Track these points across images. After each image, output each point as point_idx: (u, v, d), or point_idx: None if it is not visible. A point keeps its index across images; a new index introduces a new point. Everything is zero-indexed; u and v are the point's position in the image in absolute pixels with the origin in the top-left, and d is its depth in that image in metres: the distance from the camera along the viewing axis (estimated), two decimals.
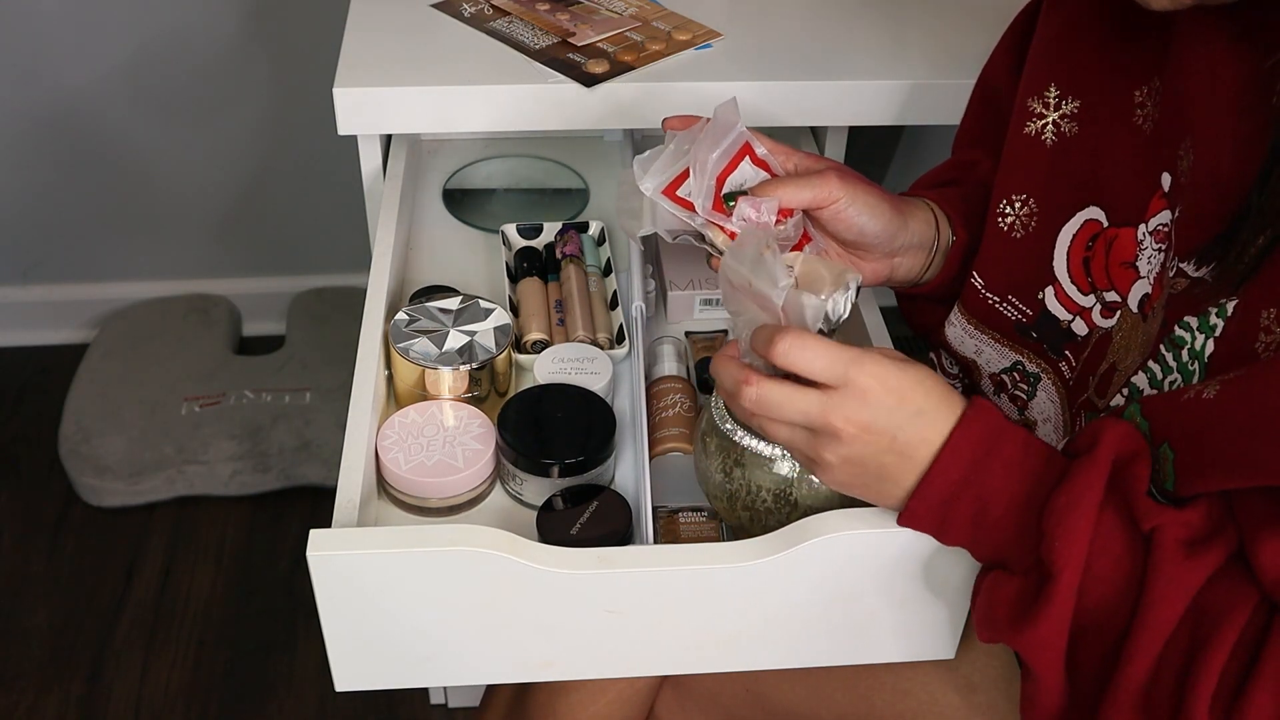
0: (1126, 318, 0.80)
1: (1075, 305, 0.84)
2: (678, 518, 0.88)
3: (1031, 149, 0.85)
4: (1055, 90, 0.83)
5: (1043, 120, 0.84)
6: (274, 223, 1.94)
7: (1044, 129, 0.84)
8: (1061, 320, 0.85)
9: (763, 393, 0.71)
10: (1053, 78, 0.83)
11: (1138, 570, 0.68)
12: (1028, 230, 0.86)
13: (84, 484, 1.71)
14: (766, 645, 0.82)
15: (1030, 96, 0.85)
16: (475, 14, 1.16)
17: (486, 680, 0.91)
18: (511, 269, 1.08)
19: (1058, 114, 0.83)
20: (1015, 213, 0.86)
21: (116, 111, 1.78)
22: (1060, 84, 0.83)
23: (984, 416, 0.70)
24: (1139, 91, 0.79)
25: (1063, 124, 0.83)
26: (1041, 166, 0.85)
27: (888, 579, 0.79)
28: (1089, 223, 0.82)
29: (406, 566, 0.74)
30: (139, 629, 1.59)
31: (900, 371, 0.70)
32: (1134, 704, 0.67)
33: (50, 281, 1.96)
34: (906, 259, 0.89)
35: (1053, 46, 0.84)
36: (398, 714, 1.51)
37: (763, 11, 1.19)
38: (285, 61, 1.76)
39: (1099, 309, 0.82)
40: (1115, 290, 0.81)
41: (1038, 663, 0.70)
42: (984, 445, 0.70)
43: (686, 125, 0.84)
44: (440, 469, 0.85)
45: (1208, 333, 0.72)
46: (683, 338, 1.04)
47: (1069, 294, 0.84)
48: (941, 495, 0.71)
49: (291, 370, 1.86)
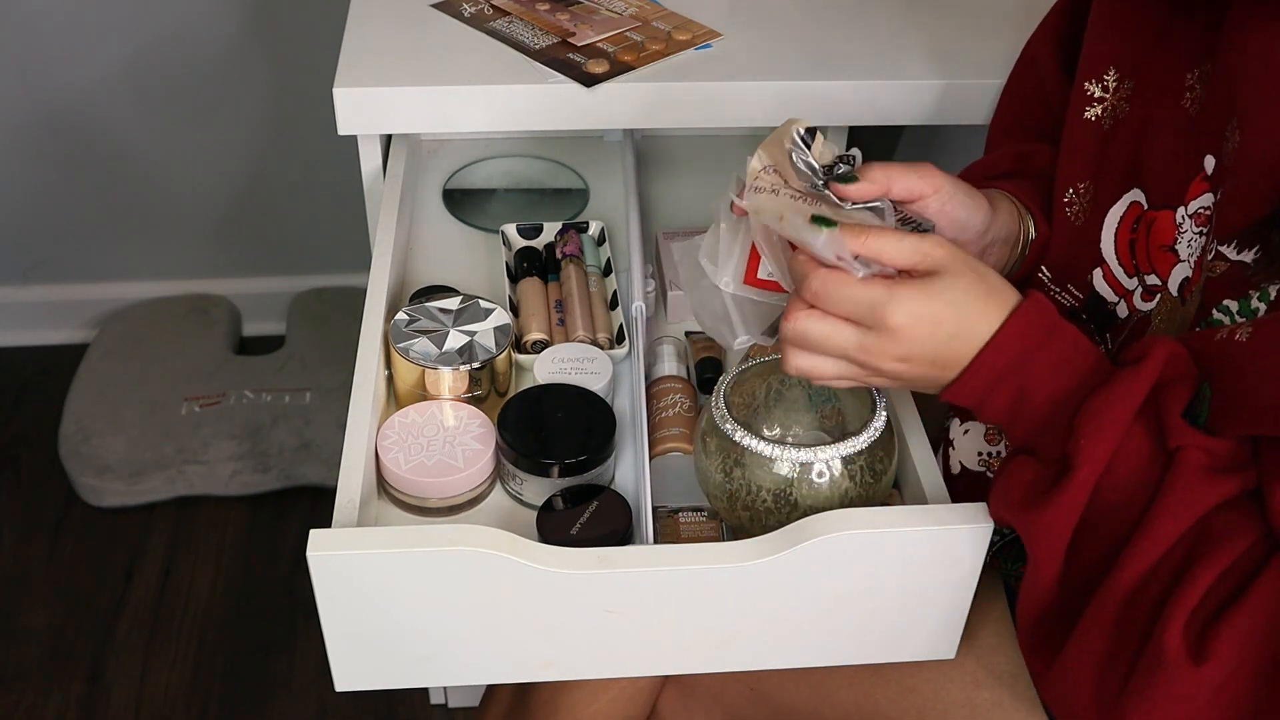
0: (1166, 301, 0.79)
1: (1121, 288, 0.83)
2: (678, 518, 0.88)
3: (1090, 134, 0.84)
4: (1114, 73, 0.82)
5: (1102, 104, 0.83)
6: (274, 223, 1.94)
7: (1104, 113, 0.83)
8: (1108, 302, 0.84)
9: (825, 283, 0.70)
10: (1111, 60, 0.82)
11: (1154, 483, 0.68)
12: (1085, 217, 0.85)
13: (84, 484, 1.71)
14: (766, 645, 0.82)
15: (1088, 79, 0.83)
16: (475, 14, 1.16)
17: (486, 680, 0.91)
18: (511, 269, 1.08)
19: (1115, 96, 0.82)
20: (1079, 200, 0.85)
21: (116, 111, 1.78)
22: (1119, 66, 0.82)
23: (1040, 309, 0.71)
24: (1190, 74, 0.78)
25: (1119, 106, 0.82)
26: (1099, 150, 0.84)
27: (888, 579, 0.79)
28: (1133, 204, 0.81)
29: (406, 566, 0.74)
30: (139, 629, 1.59)
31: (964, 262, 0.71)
32: (1118, 605, 0.68)
33: (50, 281, 1.96)
34: (993, 253, 0.87)
35: (1110, 28, 0.83)
36: (398, 714, 1.51)
37: (763, 11, 1.19)
38: (285, 61, 1.76)
39: (1140, 292, 0.82)
40: (1156, 274, 0.80)
41: (1039, 548, 0.71)
42: (1035, 338, 0.71)
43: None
44: (440, 469, 0.85)
45: (1248, 315, 0.71)
46: (683, 338, 1.04)
47: (1116, 276, 0.83)
48: (986, 379, 0.72)
49: (291, 370, 1.85)
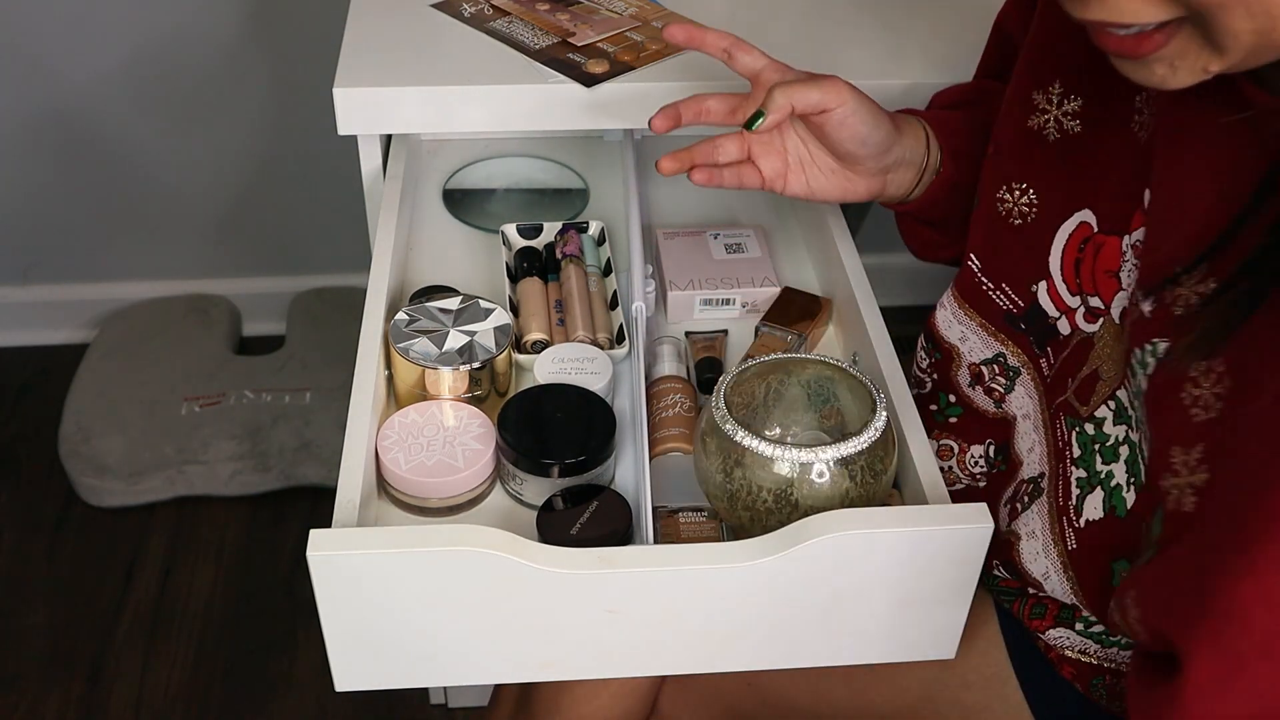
0: (1110, 327, 0.79)
1: (1064, 304, 0.83)
2: (678, 518, 0.88)
3: (1034, 143, 0.84)
4: (1059, 87, 0.82)
5: (1045, 115, 0.83)
6: (274, 223, 1.94)
7: (1046, 124, 0.83)
8: (1049, 316, 0.84)
9: None
10: (1057, 74, 0.82)
11: None
12: (1027, 221, 0.85)
13: (84, 484, 1.71)
14: (766, 645, 0.82)
15: (1034, 89, 0.83)
16: (475, 14, 1.16)
17: (486, 680, 0.91)
18: (511, 269, 1.08)
19: (1059, 110, 0.82)
20: (1014, 200, 0.86)
21: (116, 111, 1.78)
22: (1065, 81, 0.82)
23: None
24: (1139, 97, 0.77)
25: (1065, 121, 0.82)
26: (1042, 161, 0.84)
27: (888, 579, 0.79)
28: (1082, 224, 0.81)
29: (406, 566, 0.74)
30: (139, 629, 1.59)
31: None
32: None
33: (50, 281, 1.96)
34: (898, 175, 0.91)
35: (1057, 41, 0.82)
36: (398, 714, 1.51)
37: (763, 11, 1.19)
38: (285, 61, 1.76)
39: (1083, 312, 0.81)
40: (1099, 296, 0.80)
41: None
42: None
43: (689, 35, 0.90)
44: (440, 469, 0.85)
45: (1143, 367, 0.71)
46: (683, 338, 1.04)
47: (1060, 292, 0.83)
48: None
49: (291, 370, 1.85)
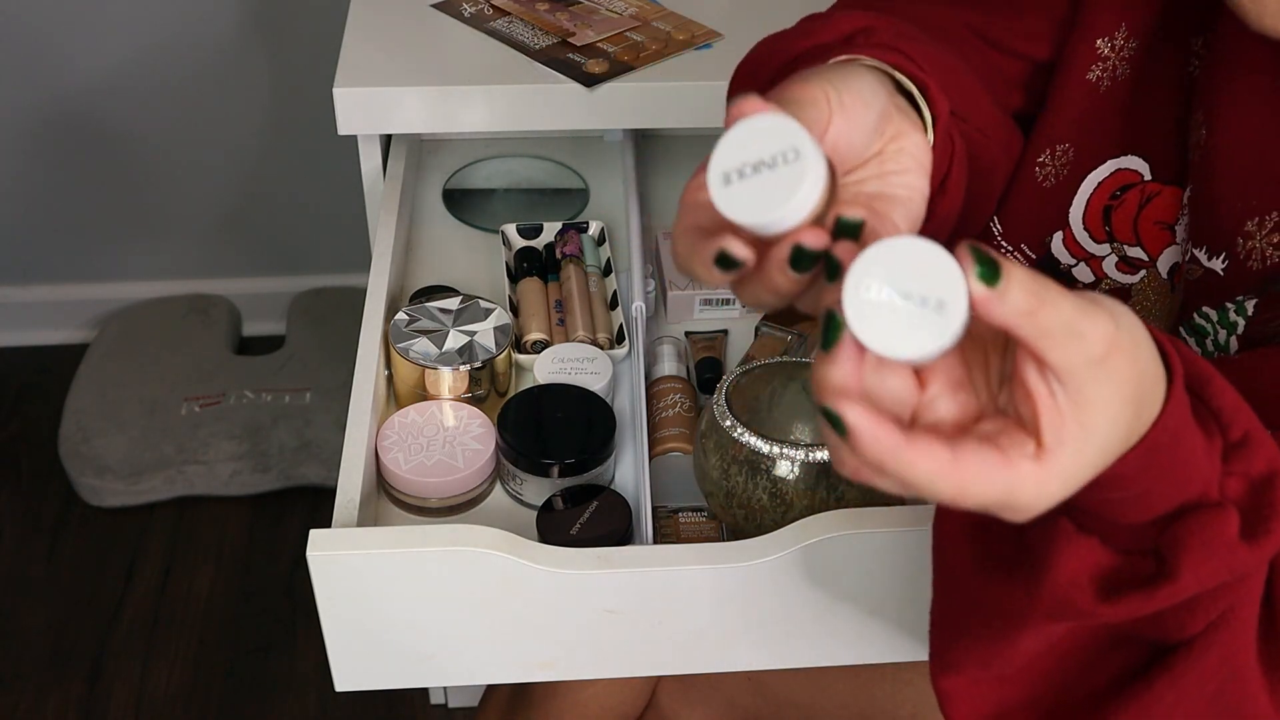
0: (1153, 280, 0.75)
1: (1083, 252, 0.79)
2: (678, 518, 0.88)
3: (1088, 95, 0.77)
4: (1124, 30, 0.75)
5: (1105, 65, 0.76)
6: (274, 223, 1.94)
7: (1103, 74, 0.76)
8: (1062, 264, 0.80)
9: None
10: (1124, 17, 0.75)
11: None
12: (1059, 178, 0.79)
13: (84, 484, 1.71)
14: (766, 645, 0.82)
15: (1100, 37, 0.76)
16: (475, 14, 1.16)
17: (486, 680, 0.91)
18: (511, 269, 1.08)
19: (1119, 56, 0.75)
20: (1053, 162, 0.79)
21: (116, 111, 1.78)
22: (1130, 24, 0.75)
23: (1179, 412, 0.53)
24: (1196, 41, 0.71)
25: (1119, 66, 0.76)
26: (1091, 112, 0.77)
27: (888, 579, 0.79)
28: (1121, 171, 0.76)
29: (406, 566, 0.74)
30: (139, 629, 1.59)
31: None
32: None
33: (50, 281, 1.96)
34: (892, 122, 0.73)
35: None
36: (398, 714, 1.51)
37: (763, 11, 1.19)
38: (285, 61, 1.76)
39: (1115, 261, 0.77)
40: (1141, 247, 0.75)
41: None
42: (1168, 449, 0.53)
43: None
44: (440, 469, 0.85)
45: (1227, 328, 0.68)
46: (683, 338, 1.04)
47: (1078, 239, 0.79)
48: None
49: (291, 370, 1.85)
